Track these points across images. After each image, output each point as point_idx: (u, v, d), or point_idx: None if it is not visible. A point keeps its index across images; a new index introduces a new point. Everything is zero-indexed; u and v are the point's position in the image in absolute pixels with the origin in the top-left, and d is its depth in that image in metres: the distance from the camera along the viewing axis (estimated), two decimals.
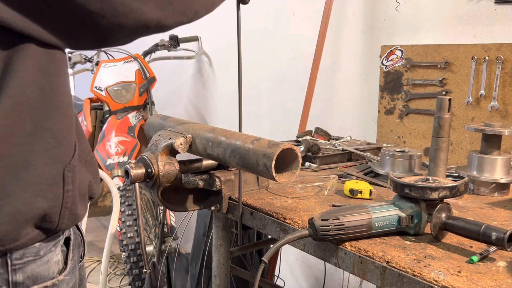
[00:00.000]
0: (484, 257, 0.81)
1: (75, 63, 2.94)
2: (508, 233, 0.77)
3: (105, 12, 0.60)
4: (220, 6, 0.80)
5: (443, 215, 0.87)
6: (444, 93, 1.67)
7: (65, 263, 0.73)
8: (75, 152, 0.70)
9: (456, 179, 1.08)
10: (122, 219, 2.40)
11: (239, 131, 1.06)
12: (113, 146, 2.62)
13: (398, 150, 1.31)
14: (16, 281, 0.65)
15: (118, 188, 2.48)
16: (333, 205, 1.09)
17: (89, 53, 3.07)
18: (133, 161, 1.03)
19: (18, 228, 0.64)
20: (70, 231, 0.76)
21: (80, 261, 0.82)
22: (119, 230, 2.39)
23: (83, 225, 1.99)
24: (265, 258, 0.85)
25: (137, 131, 2.69)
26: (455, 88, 1.65)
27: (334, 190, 1.22)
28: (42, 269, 0.68)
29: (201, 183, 1.10)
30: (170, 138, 1.05)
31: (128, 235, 2.37)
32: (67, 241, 0.75)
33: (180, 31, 2.97)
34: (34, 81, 0.63)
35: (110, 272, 3.21)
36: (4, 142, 0.62)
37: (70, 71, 3.08)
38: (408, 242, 0.88)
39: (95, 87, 2.79)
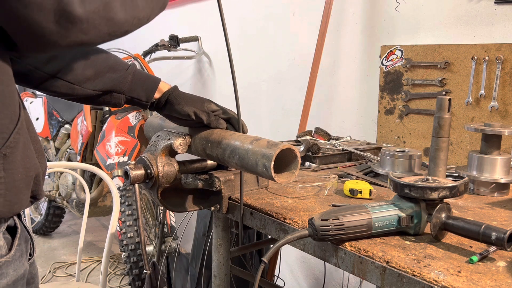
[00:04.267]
0: (484, 257, 0.81)
1: None
2: (508, 233, 0.77)
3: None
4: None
5: (443, 215, 0.87)
6: (444, 93, 1.67)
7: (10, 249, 0.74)
8: (7, 141, 0.68)
9: (456, 179, 1.08)
10: (122, 219, 2.40)
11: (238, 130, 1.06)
12: (113, 146, 2.62)
13: (398, 150, 1.31)
14: None
15: (118, 188, 2.48)
16: (333, 205, 1.09)
17: None
18: (133, 162, 1.03)
19: None
20: (15, 221, 0.76)
21: (30, 258, 0.83)
22: (119, 230, 2.39)
23: (83, 225, 1.99)
24: (265, 258, 0.85)
25: (137, 131, 2.69)
26: (455, 88, 1.65)
27: (334, 190, 1.22)
28: None
29: (200, 184, 1.10)
30: (169, 138, 1.05)
31: (128, 235, 2.37)
32: (12, 230, 0.76)
33: (180, 31, 2.97)
34: None
35: (110, 272, 3.21)
36: None
37: None
38: (408, 242, 0.88)
39: None
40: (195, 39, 2.92)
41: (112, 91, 0.99)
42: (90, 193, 2.95)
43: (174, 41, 2.83)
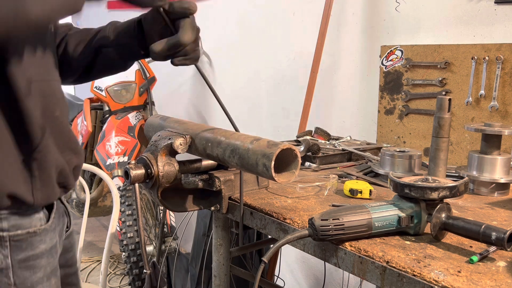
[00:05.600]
0: (484, 257, 0.81)
1: None
2: (508, 233, 0.77)
3: None
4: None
5: (443, 215, 0.87)
6: (444, 93, 1.67)
7: (47, 220, 0.88)
8: (40, 144, 0.81)
9: (456, 179, 1.08)
10: (122, 219, 2.40)
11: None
12: (113, 146, 2.62)
13: (398, 150, 1.31)
14: (2, 227, 0.81)
15: (118, 188, 2.48)
16: (333, 205, 1.09)
17: None
18: (133, 161, 1.03)
19: None
20: None
21: (67, 230, 1.00)
22: (119, 230, 2.39)
23: (83, 225, 1.99)
24: (265, 258, 0.84)
25: (137, 131, 2.69)
26: (455, 88, 1.65)
27: (334, 190, 1.22)
28: (25, 221, 0.83)
29: (200, 184, 1.10)
30: (170, 138, 1.05)
31: (128, 235, 2.37)
32: (49, 206, 0.90)
33: None
34: None
35: (110, 272, 3.21)
36: None
37: None
38: (408, 242, 0.88)
39: (95, 87, 2.79)
40: None
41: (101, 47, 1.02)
42: (90, 193, 2.95)
43: None
